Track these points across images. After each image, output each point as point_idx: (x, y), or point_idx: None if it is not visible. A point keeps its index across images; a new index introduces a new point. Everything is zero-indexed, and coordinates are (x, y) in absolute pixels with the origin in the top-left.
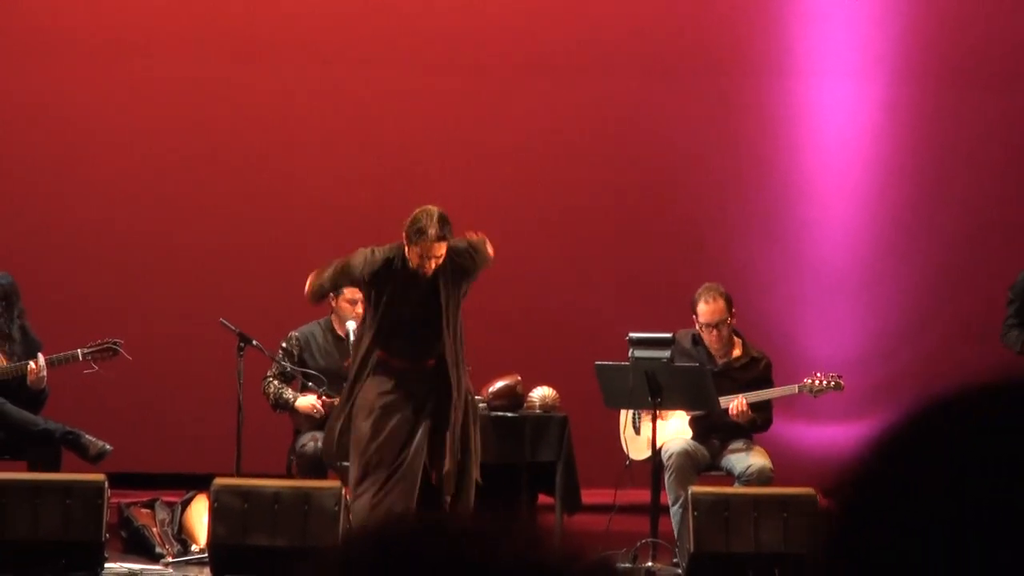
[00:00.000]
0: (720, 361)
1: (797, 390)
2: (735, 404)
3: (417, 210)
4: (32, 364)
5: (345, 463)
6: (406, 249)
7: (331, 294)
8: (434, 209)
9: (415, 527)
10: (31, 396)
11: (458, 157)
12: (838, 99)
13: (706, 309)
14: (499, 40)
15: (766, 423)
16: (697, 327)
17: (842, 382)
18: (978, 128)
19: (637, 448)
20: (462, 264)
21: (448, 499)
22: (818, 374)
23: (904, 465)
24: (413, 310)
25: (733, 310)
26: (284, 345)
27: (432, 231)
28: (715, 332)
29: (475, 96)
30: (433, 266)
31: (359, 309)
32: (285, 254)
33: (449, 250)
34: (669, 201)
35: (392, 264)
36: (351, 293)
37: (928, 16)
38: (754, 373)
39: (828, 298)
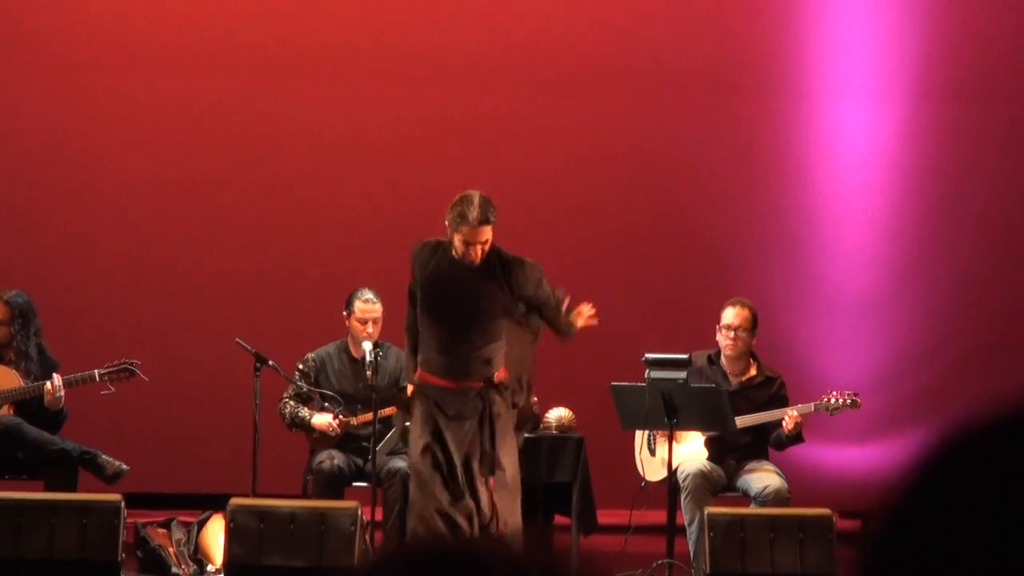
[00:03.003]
0: (735, 381)
1: (813, 408)
2: (788, 418)
3: (457, 196)
4: (48, 384)
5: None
6: (450, 231)
7: (344, 312)
8: (475, 192)
9: (439, 550)
10: (50, 416)
11: (475, 176)
12: (855, 119)
13: (731, 311)
14: (517, 59)
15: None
16: (719, 336)
17: (858, 399)
18: (996, 147)
19: (652, 469)
20: (517, 278)
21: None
22: (834, 392)
23: (946, 490)
24: (456, 297)
25: (755, 331)
26: (300, 367)
27: (473, 214)
28: (732, 335)
29: (492, 115)
30: (479, 253)
31: (370, 329)
32: (302, 274)
33: (505, 257)
34: (685, 222)
35: (438, 250)
36: (362, 313)
37: (945, 34)
38: (769, 393)
39: (845, 318)
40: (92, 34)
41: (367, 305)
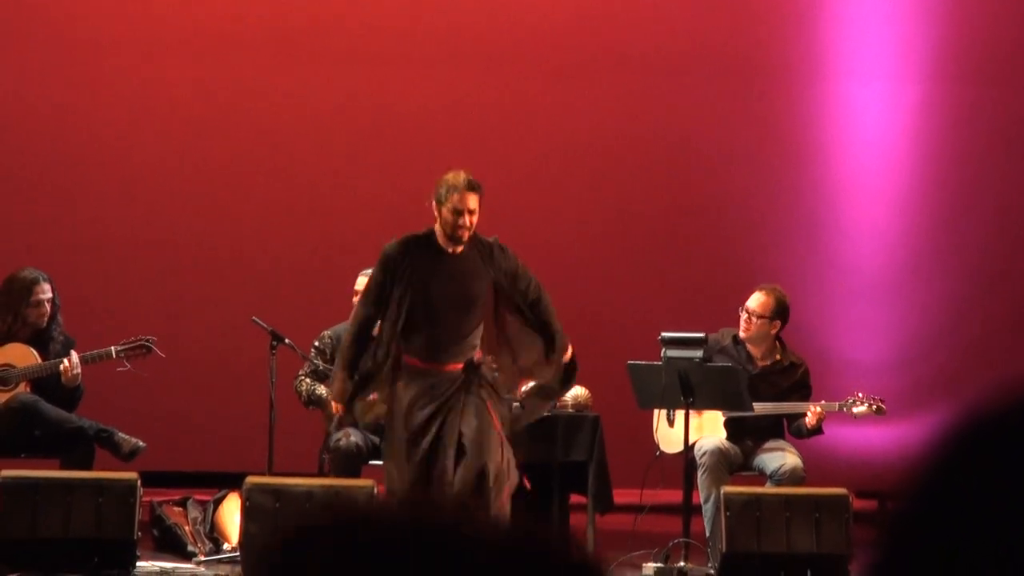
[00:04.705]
0: (760, 364)
1: (838, 408)
2: (812, 412)
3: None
4: (65, 362)
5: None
6: (438, 215)
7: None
8: (460, 170)
9: (376, 521)
10: (66, 394)
11: (490, 158)
12: (873, 101)
13: (754, 296)
14: (535, 43)
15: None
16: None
17: (884, 407)
18: (1015, 128)
19: (670, 442)
20: (505, 265)
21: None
22: (860, 395)
23: (966, 472)
24: (444, 292)
25: (777, 321)
26: (317, 344)
27: (462, 180)
28: (746, 318)
29: (508, 97)
30: (467, 222)
31: (355, 301)
32: (317, 253)
33: (491, 245)
34: (701, 202)
35: (412, 245)
36: (357, 285)
37: (963, 16)
38: (792, 379)
39: (862, 300)
40: (107, 18)
41: (359, 278)
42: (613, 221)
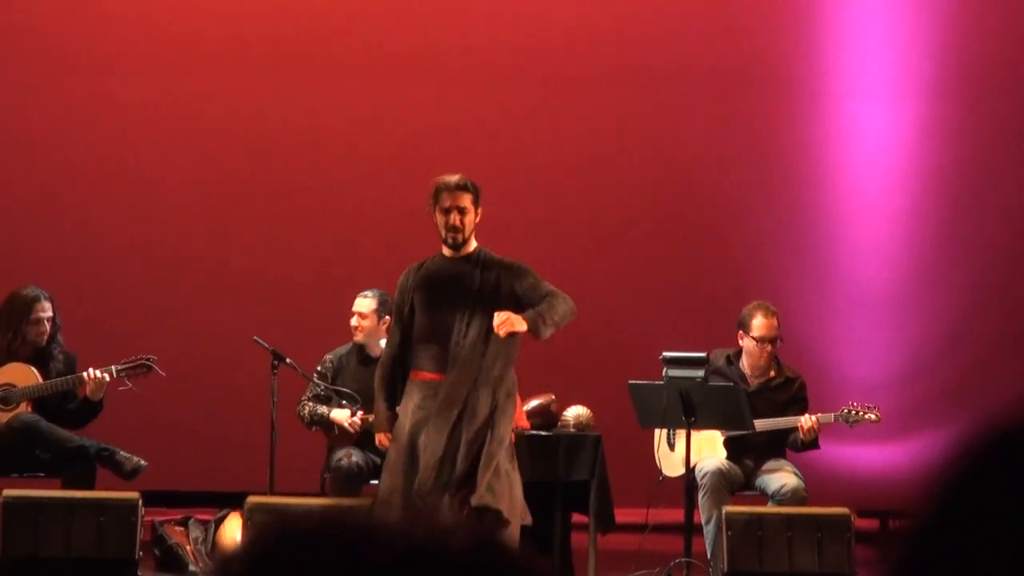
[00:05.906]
0: (755, 382)
1: (833, 419)
2: (805, 420)
3: None
4: (86, 375)
5: None
6: (434, 216)
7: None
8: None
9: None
10: (76, 410)
11: (489, 176)
12: (873, 117)
13: (763, 323)
14: (535, 58)
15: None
16: (746, 343)
17: (879, 414)
18: (1016, 144)
19: (671, 465)
20: (509, 278)
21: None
22: (854, 403)
23: (982, 490)
24: (442, 293)
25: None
26: (319, 368)
27: (450, 179)
28: (768, 348)
29: (509, 113)
30: (457, 221)
31: (354, 323)
32: (320, 273)
33: (494, 256)
34: (702, 220)
35: (418, 264)
36: (353, 308)
37: (963, 32)
38: (789, 393)
39: (862, 317)
40: (109, 36)
41: (357, 299)
42: (613, 239)
